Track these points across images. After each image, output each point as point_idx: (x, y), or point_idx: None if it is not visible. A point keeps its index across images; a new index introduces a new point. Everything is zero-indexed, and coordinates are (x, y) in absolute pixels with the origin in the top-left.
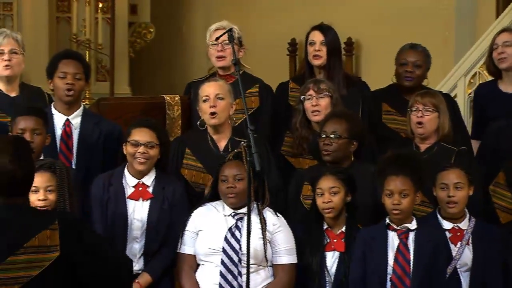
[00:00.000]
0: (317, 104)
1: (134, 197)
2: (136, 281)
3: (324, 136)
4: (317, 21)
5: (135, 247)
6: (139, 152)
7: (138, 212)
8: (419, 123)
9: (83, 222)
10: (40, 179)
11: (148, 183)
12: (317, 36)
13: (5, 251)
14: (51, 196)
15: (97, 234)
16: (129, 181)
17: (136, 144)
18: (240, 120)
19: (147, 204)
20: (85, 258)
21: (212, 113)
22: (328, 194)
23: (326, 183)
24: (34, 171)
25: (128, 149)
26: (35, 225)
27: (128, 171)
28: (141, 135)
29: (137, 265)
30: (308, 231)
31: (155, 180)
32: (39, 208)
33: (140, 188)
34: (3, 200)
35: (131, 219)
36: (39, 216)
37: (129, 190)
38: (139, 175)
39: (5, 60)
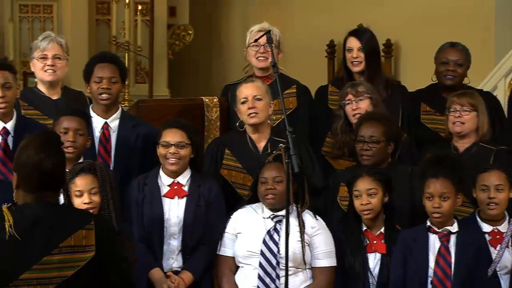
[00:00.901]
0: (357, 108)
1: (170, 195)
2: (180, 276)
3: (361, 140)
4: (356, 23)
5: (172, 244)
6: (170, 152)
7: (174, 209)
8: (457, 122)
9: (114, 227)
10: (83, 182)
11: (183, 182)
12: (354, 43)
13: (40, 251)
14: (95, 198)
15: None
16: (164, 181)
17: (167, 145)
18: (278, 121)
19: (183, 201)
20: (113, 262)
21: (251, 113)
22: (366, 195)
23: (364, 184)
24: (64, 165)
25: (159, 150)
26: (71, 225)
27: (163, 171)
28: (171, 135)
29: (176, 262)
30: (347, 233)
31: (190, 179)
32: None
33: (175, 187)
34: (35, 196)
35: (167, 217)
36: (74, 216)
37: (164, 189)
38: (174, 174)
39: (48, 65)
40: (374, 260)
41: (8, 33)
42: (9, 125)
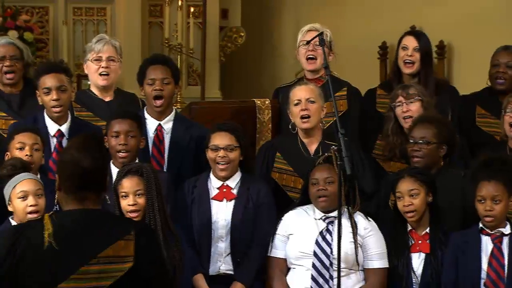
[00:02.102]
0: (408, 110)
1: (218, 198)
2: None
3: (412, 142)
4: (408, 24)
5: (220, 246)
6: (219, 156)
7: (222, 212)
8: None
9: (157, 235)
10: (128, 184)
11: (233, 185)
12: (411, 42)
13: (78, 261)
14: (141, 200)
15: (163, 251)
16: (214, 183)
17: (216, 149)
18: (329, 123)
19: (231, 204)
20: (155, 271)
21: (304, 117)
22: (408, 197)
23: (405, 185)
24: (106, 166)
25: (209, 154)
26: (110, 235)
27: (213, 174)
28: (220, 139)
29: (224, 265)
30: (392, 233)
31: (240, 181)
32: (127, 212)
33: (224, 190)
34: (76, 198)
35: (215, 220)
36: (114, 225)
37: (213, 192)
38: (224, 177)
39: (103, 67)
40: (418, 260)
41: (62, 36)
42: (64, 128)
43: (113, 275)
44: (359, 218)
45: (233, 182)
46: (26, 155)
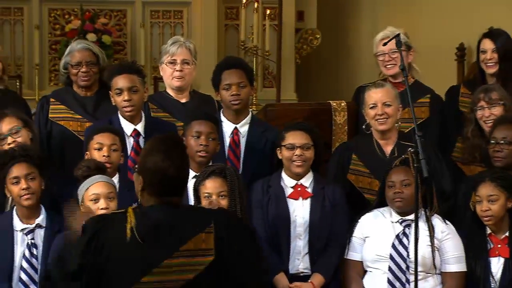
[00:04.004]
0: (490, 114)
1: (294, 196)
2: (310, 281)
3: (494, 142)
4: (486, 25)
5: (298, 245)
6: (296, 155)
7: (299, 210)
8: None
9: (238, 224)
10: (212, 185)
11: (306, 184)
12: (488, 44)
13: (161, 254)
14: (224, 202)
15: (248, 238)
16: (287, 182)
17: (292, 147)
18: (408, 130)
19: (307, 202)
20: (237, 261)
21: (380, 119)
22: (486, 202)
23: (485, 190)
24: (188, 171)
25: (284, 153)
26: (191, 228)
27: (286, 173)
28: (296, 138)
29: (302, 264)
30: (470, 236)
31: (313, 181)
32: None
33: (299, 189)
34: (157, 200)
35: (293, 218)
36: (194, 218)
37: (288, 191)
38: (297, 177)
39: (177, 71)
40: (497, 264)
41: (140, 39)
42: (139, 127)
43: (195, 268)
44: (437, 221)
45: (307, 181)
46: (104, 155)
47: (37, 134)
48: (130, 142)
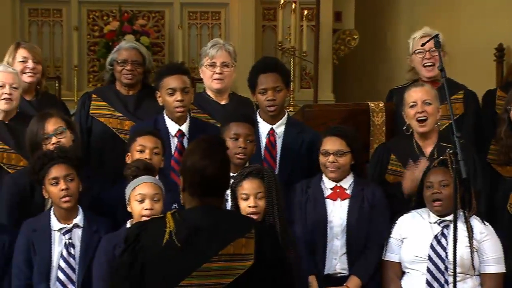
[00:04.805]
0: None
1: (332, 197)
2: (345, 284)
3: None
4: None
5: (335, 245)
6: (329, 161)
7: (337, 211)
8: None
9: (277, 234)
10: (249, 186)
11: (346, 186)
12: None
13: (200, 258)
14: (261, 203)
15: (284, 251)
16: (327, 184)
17: (326, 154)
18: (444, 126)
19: (345, 203)
20: (275, 270)
21: (421, 120)
22: None
23: None
24: (228, 171)
25: (320, 158)
26: (231, 233)
27: (326, 176)
28: (330, 144)
29: (339, 264)
30: (509, 237)
31: (353, 183)
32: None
33: (338, 190)
34: (200, 201)
35: (330, 218)
36: (235, 223)
37: (327, 192)
38: (336, 180)
39: (217, 73)
40: None
41: (178, 40)
42: (184, 127)
43: (234, 273)
44: (475, 222)
45: (346, 183)
46: (146, 158)
47: (79, 135)
48: (174, 142)
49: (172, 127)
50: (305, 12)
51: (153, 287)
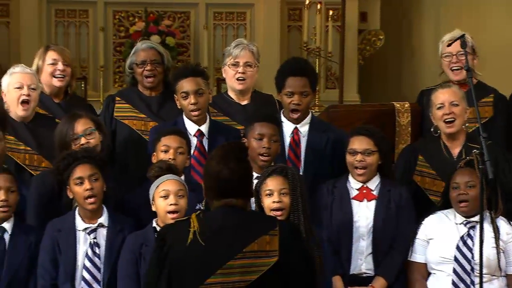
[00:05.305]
0: None
1: (358, 198)
2: (371, 285)
3: None
4: None
5: (361, 245)
6: (356, 160)
7: (363, 212)
8: None
9: (301, 232)
10: (273, 182)
11: (372, 186)
12: None
13: (225, 256)
14: (285, 199)
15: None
16: (353, 185)
17: (354, 153)
18: (473, 129)
19: (372, 204)
20: (299, 267)
21: (448, 121)
22: None
23: None
24: (248, 173)
25: (347, 158)
26: (255, 230)
27: (352, 176)
28: (358, 143)
29: (364, 264)
30: None
31: (380, 183)
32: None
33: (364, 191)
34: (221, 204)
35: (356, 219)
36: (259, 221)
37: (353, 192)
38: (362, 180)
39: (240, 73)
40: None
41: (203, 40)
42: (203, 128)
43: (259, 270)
44: (502, 223)
45: (373, 184)
46: (170, 157)
47: (108, 137)
48: (193, 141)
49: (192, 127)
50: (331, 12)
51: (179, 285)
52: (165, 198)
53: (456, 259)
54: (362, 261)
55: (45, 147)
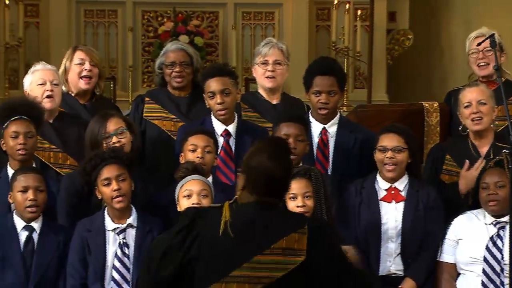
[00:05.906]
0: None
1: (387, 199)
2: (400, 287)
3: None
4: None
5: (390, 247)
6: (387, 157)
7: (392, 213)
8: None
9: (331, 230)
10: (297, 185)
11: (401, 187)
12: None
13: (252, 250)
14: (309, 202)
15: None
16: (381, 185)
17: (384, 150)
18: (502, 128)
19: (400, 205)
20: (329, 267)
21: (476, 119)
22: None
23: None
24: (291, 173)
25: (377, 155)
26: (284, 227)
27: (380, 176)
28: (388, 140)
29: (393, 266)
30: None
31: (408, 184)
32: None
33: (393, 192)
34: (256, 198)
35: (384, 220)
36: (289, 218)
37: (381, 193)
38: (391, 180)
39: (269, 71)
40: None
41: (231, 40)
42: (231, 128)
43: (285, 267)
44: None
45: (401, 184)
46: (197, 157)
47: (139, 137)
48: (220, 141)
49: (219, 127)
50: (359, 12)
51: (204, 275)
52: (188, 197)
53: (485, 260)
54: (391, 262)
55: (69, 145)
